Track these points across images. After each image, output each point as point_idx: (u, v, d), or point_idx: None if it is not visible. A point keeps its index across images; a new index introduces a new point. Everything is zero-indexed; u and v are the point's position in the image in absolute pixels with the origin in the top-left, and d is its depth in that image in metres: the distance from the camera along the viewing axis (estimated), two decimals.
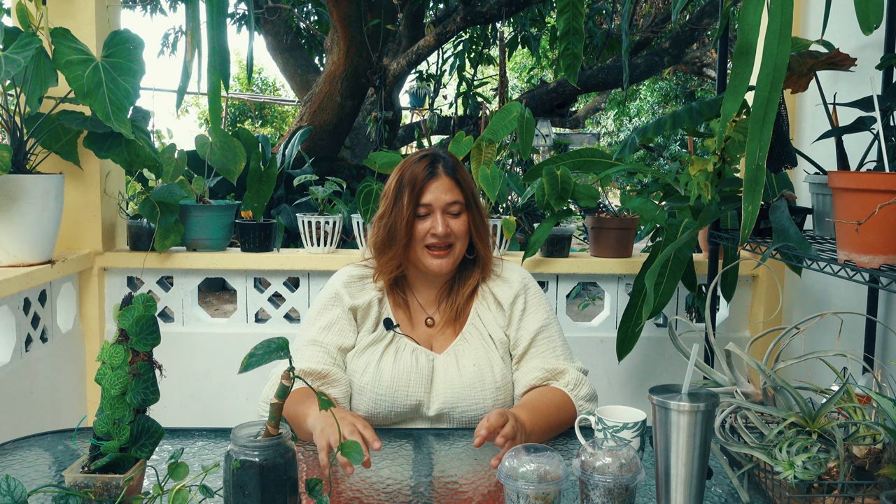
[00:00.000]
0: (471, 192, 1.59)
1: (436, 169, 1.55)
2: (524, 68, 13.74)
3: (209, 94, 1.12)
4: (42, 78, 2.04)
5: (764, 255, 1.59)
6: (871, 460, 1.11)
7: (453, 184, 1.55)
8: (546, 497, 1.05)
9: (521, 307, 1.63)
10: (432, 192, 1.54)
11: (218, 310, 6.79)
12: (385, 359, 1.57)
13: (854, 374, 1.50)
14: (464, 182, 1.58)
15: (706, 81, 11.44)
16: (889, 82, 1.82)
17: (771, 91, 0.93)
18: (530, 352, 1.61)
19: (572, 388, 1.56)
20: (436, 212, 1.54)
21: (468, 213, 1.58)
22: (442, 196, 1.54)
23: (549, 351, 1.61)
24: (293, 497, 1.03)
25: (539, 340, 1.61)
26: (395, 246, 1.56)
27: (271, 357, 0.99)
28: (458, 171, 1.58)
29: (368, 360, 1.58)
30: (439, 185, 1.54)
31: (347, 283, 1.63)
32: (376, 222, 1.61)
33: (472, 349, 1.60)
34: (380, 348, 1.59)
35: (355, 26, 5.25)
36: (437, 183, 1.54)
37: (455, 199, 1.55)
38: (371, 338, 1.60)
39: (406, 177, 1.55)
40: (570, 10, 1.51)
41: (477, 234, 1.61)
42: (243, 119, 13.13)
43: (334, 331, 1.59)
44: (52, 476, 1.30)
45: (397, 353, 1.58)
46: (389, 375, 1.55)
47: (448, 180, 1.55)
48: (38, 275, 2.12)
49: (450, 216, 1.56)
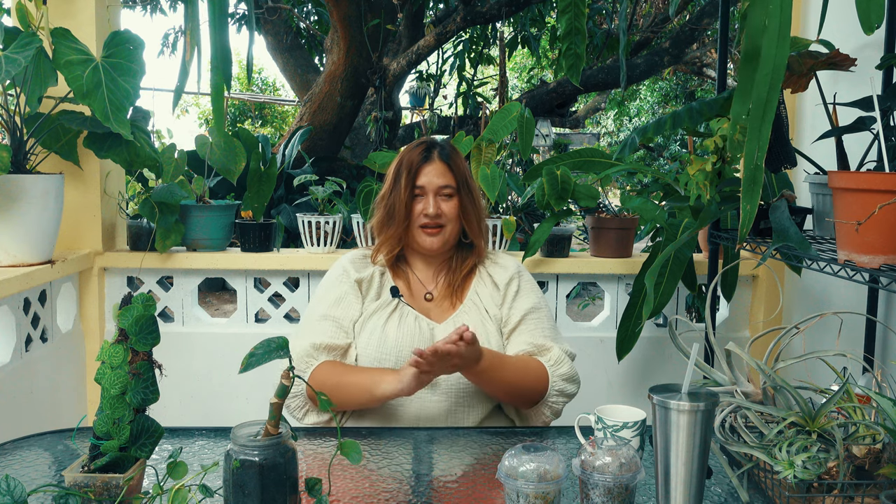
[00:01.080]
0: (463, 178, 1.68)
1: (431, 154, 1.66)
2: (524, 68, 13.75)
3: (212, 94, 1.12)
4: (42, 78, 2.04)
5: (764, 255, 1.59)
6: (870, 460, 1.11)
7: (446, 169, 1.65)
8: (546, 496, 1.05)
9: (514, 288, 1.72)
10: (426, 175, 1.64)
11: (218, 310, 6.79)
12: (390, 323, 1.65)
13: (854, 374, 1.50)
14: (456, 168, 1.67)
15: (706, 81, 11.44)
16: (889, 82, 1.82)
17: (770, 91, 0.92)
18: (519, 328, 1.68)
19: (552, 364, 1.62)
20: (428, 194, 1.65)
21: (458, 197, 1.67)
22: (434, 179, 1.64)
23: (539, 330, 1.68)
24: (293, 496, 1.03)
25: (528, 319, 1.69)
26: (395, 224, 1.67)
27: (271, 357, 1.00)
28: (452, 158, 1.68)
29: (375, 324, 1.65)
30: (433, 169, 1.64)
31: (353, 259, 1.75)
32: (378, 204, 1.73)
33: (471, 321, 1.67)
34: (384, 314, 1.66)
35: (355, 26, 5.25)
36: (431, 167, 1.64)
37: (447, 183, 1.65)
38: (376, 304, 1.68)
39: (404, 161, 1.67)
40: (572, 10, 1.51)
41: (465, 216, 1.69)
42: (243, 119, 13.13)
43: (344, 304, 1.68)
44: (52, 476, 1.30)
45: (401, 318, 1.66)
46: (394, 337, 1.62)
47: (441, 165, 1.65)
48: (38, 275, 2.12)
49: (442, 198, 1.65)
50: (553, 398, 1.62)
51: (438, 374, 1.51)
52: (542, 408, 1.62)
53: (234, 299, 2.97)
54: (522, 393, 1.60)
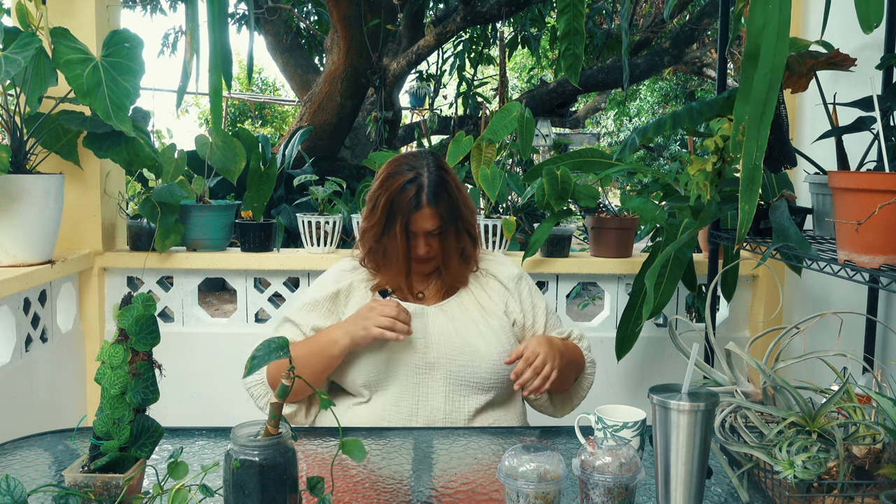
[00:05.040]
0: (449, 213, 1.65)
1: (420, 201, 1.63)
2: (524, 68, 13.74)
3: (210, 94, 1.12)
4: (42, 78, 2.04)
5: (764, 255, 1.59)
6: (870, 460, 1.11)
7: (433, 212, 1.64)
8: (546, 496, 1.05)
9: (526, 288, 1.77)
10: (415, 222, 1.64)
11: (218, 310, 6.79)
12: None
13: (854, 374, 1.50)
14: (444, 205, 1.65)
15: (706, 81, 11.43)
16: (889, 82, 1.82)
17: (769, 91, 0.92)
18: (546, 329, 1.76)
19: (577, 340, 1.77)
20: (419, 237, 1.66)
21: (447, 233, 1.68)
22: (423, 225, 1.64)
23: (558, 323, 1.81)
24: (293, 496, 1.03)
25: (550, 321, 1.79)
26: (394, 267, 1.68)
27: (272, 357, 1.00)
28: (438, 197, 1.64)
29: None
30: (421, 216, 1.63)
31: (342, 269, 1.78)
32: (366, 232, 1.70)
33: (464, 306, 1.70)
34: None
35: (355, 26, 5.25)
36: (420, 214, 1.63)
37: (434, 227, 1.65)
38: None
39: (395, 205, 1.63)
40: (571, 10, 1.51)
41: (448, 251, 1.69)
42: (243, 119, 13.13)
43: (315, 313, 1.70)
44: (52, 476, 1.30)
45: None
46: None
47: (429, 210, 1.64)
48: (38, 275, 2.12)
49: (430, 238, 1.67)
50: (589, 370, 1.74)
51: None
52: (583, 381, 1.74)
53: (234, 299, 2.97)
54: (578, 363, 1.71)
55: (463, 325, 1.67)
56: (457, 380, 1.62)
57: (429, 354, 1.62)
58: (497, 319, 1.70)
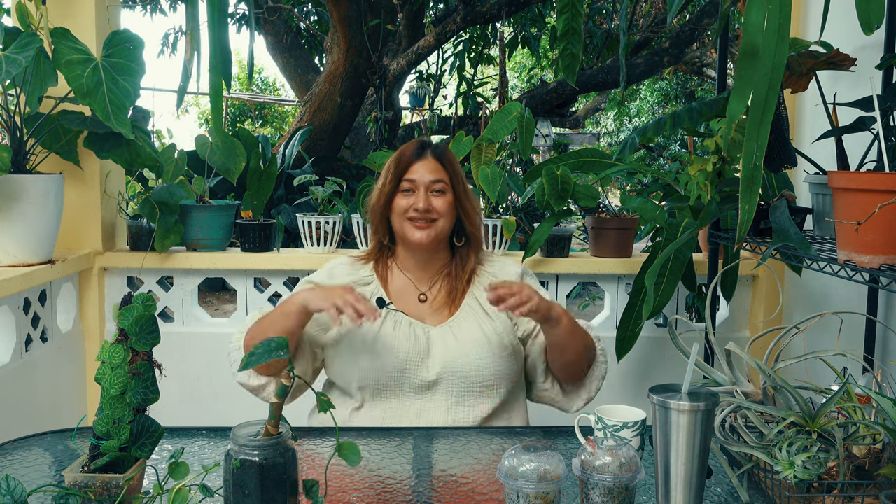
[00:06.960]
0: (456, 175, 1.68)
1: (424, 151, 1.67)
2: (524, 68, 13.74)
3: (210, 94, 1.12)
4: (42, 78, 2.04)
5: (764, 255, 1.59)
6: (870, 460, 1.11)
7: (438, 165, 1.66)
8: (546, 496, 1.05)
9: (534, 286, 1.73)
10: (417, 170, 1.65)
11: (218, 310, 6.79)
12: (384, 329, 1.63)
13: (854, 374, 1.50)
14: (449, 165, 1.68)
15: (706, 81, 11.43)
16: (889, 82, 1.82)
17: (769, 91, 0.92)
18: None
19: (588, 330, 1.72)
20: (420, 188, 1.64)
21: (453, 193, 1.67)
22: (426, 174, 1.64)
23: None
24: (293, 497, 1.03)
25: None
26: (376, 215, 1.68)
27: (271, 356, 1.00)
28: (445, 156, 1.69)
29: (366, 330, 1.62)
30: (424, 165, 1.65)
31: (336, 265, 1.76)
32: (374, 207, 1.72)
33: (468, 326, 1.66)
34: (377, 323, 1.64)
35: (355, 26, 5.25)
36: (423, 162, 1.65)
37: (438, 178, 1.65)
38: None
39: (396, 156, 1.68)
40: (570, 10, 1.51)
41: (463, 211, 1.69)
42: (243, 119, 13.13)
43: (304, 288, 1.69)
44: (52, 476, 1.30)
45: (396, 325, 1.64)
46: (389, 343, 1.61)
47: (433, 162, 1.66)
48: (38, 275, 2.12)
49: (433, 194, 1.65)
50: (601, 358, 1.70)
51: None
52: (595, 370, 1.69)
53: (234, 299, 2.97)
54: (589, 345, 1.66)
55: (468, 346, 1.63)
56: (459, 390, 1.61)
57: (430, 373, 1.61)
58: (501, 322, 1.68)
